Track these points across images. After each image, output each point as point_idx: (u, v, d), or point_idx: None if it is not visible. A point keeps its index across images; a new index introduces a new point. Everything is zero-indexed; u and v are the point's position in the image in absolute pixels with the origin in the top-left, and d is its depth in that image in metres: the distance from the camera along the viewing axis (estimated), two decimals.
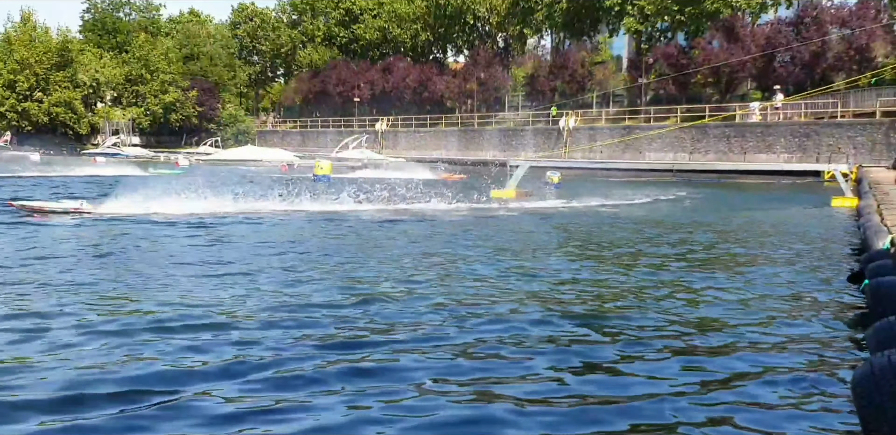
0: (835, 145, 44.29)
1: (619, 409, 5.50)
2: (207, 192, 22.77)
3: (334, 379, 6.06)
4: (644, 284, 10.47)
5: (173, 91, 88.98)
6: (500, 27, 78.31)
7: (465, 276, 11.02)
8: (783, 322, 8.12)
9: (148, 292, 9.48)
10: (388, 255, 13.04)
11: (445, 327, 7.85)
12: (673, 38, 63.08)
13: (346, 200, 23.63)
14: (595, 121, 61.71)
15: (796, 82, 53.23)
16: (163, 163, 62.59)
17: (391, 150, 71.56)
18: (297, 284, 10.11)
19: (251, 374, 6.18)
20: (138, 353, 6.79)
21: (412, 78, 76.70)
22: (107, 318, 8.11)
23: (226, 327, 7.72)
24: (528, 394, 5.74)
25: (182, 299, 9.03)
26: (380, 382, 6.03)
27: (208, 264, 11.86)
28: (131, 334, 7.43)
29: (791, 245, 14.52)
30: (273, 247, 13.90)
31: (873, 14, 52.06)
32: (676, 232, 17.26)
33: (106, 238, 15.16)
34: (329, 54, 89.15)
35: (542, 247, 14.39)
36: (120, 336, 7.36)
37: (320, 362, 6.49)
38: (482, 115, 71.31)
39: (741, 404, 5.60)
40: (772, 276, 11.11)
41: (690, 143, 51.69)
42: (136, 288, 9.77)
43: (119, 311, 8.46)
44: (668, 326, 7.98)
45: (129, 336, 7.37)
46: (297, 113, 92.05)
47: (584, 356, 6.79)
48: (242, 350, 6.88)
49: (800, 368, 6.39)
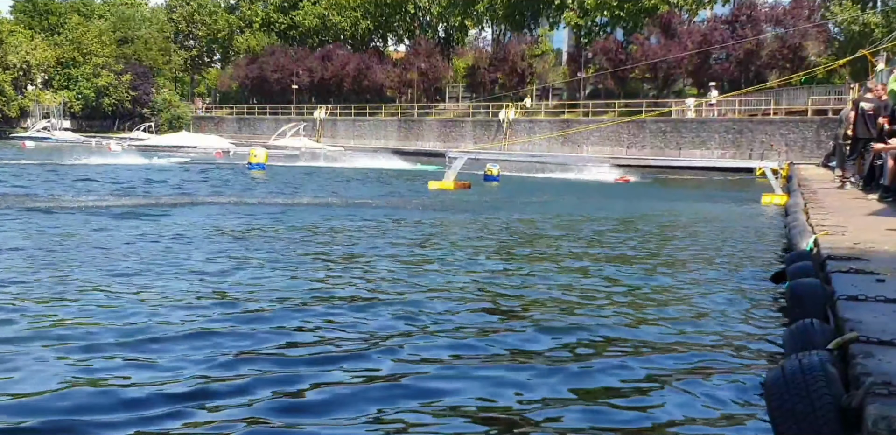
0: (767, 142, 45.03)
1: (523, 410, 5.47)
2: None
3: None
4: (562, 281, 10.29)
5: (106, 75, 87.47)
6: (441, 17, 78.21)
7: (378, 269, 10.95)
8: (702, 322, 8.07)
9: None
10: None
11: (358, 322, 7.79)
12: (612, 33, 63.59)
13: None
14: (534, 114, 61.99)
15: (731, 79, 54.09)
16: (95, 149, 61.59)
17: (330, 139, 71.17)
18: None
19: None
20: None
21: (352, 66, 76.33)
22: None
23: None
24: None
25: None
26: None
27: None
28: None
29: (718, 242, 14.62)
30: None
31: (807, 14, 53.00)
32: (603, 226, 17.29)
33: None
34: (267, 40, 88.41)
35: (457, 242, 14.37)
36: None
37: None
38: (422, 106, 71.23)
39: (653, 406, 5.60)
40: (696, 274, 11.07)
41: (627, 138, 52.20)
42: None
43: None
44: (581, 324, 7.91)
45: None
46: (234, 99, 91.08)
47: (493, 357, 6.75)
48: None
49: (715, 369, 6.38)
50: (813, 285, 7.08)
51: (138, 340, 6.99)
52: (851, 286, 6.68)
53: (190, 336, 7.15)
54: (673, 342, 7.30)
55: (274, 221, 16.86)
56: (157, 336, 7.11)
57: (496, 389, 5.86)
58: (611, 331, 7.68)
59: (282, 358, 6.52)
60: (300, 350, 6.78)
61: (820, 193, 16.57)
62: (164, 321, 7.68)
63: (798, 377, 4.40)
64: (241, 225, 15.89)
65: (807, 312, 6.63)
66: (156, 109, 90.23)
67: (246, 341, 7.02)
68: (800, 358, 4.64)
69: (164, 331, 7.30)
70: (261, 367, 6.23)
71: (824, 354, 4.75)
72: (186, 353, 6.60)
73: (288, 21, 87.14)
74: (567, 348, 7.01)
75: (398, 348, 6.88)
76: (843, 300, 6.16)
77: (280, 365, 6.29)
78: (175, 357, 6.48)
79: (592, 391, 5.89)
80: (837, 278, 7.16)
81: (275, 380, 5.92)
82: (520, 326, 7.84)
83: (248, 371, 6.12)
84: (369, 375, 6.13)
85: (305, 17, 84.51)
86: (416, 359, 6.60)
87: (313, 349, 6.83)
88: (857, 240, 9.31)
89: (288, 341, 7.07)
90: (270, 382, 5.84)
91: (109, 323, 7.55)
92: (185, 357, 6.48)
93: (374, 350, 6.80)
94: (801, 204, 14.59)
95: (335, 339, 7.21)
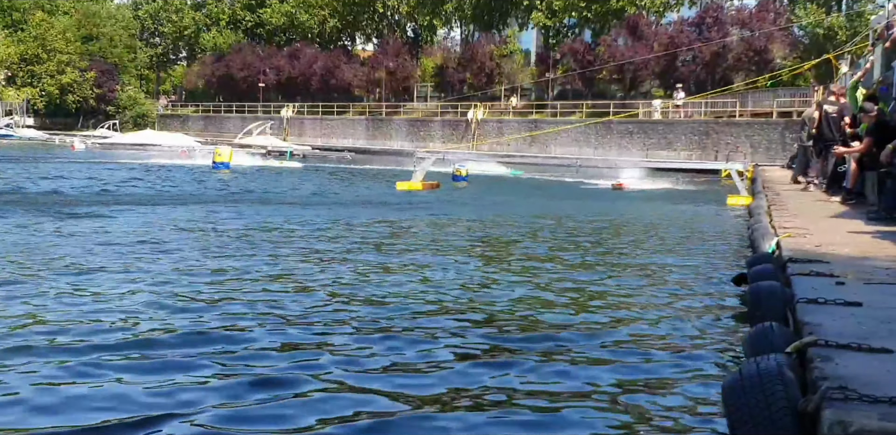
0: (733, 144, 45.31)
1: (472, 412, 5.42)
2: None
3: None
4: (515, 283, 10.21)
5: (71, 72, 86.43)
6: (409, 17, 78.07)
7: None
8: (662, 324, 8.01)
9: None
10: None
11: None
12: (580, 34, 63.83)
13: None
14: (503, 113, 62.03)
15: (697, 81, 54.41)
16: (59, 146, 61.06)
17: (297, 138, 70.73)
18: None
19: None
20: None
21: (319, 65, 75.88)
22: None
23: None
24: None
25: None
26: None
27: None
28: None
29: (683, 244, 14.65)
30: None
31: (772, 17, 53.44)
32: (565, 227, 17.23)
33: None
34: (234, 38, 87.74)
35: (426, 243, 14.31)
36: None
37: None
38: (390, 105, 71.03)
39: (610, 409, 5.58)
40: (658, 276, 11.06)
41: (595, 139, 52.33)
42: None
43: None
44: (540, 326, 7.87)
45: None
46: (200, 97, 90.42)
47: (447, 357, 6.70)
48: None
49: (675, 372, 6.39)
50: (773, 288, 7.08)
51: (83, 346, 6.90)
52: (811, 289, 6.69)
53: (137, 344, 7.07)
54: (632, 345, 7.28)
55: (223, 220, 16.72)
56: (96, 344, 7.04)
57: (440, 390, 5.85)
58: (570, 334, 7.64)
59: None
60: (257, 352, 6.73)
61: (783, 195, 16.66)
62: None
63: (755, 381, 4.38)
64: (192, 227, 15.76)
65: (766, 314, 6.62)
66: (120, 107, 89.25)
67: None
68: (758, 362, 4.63)
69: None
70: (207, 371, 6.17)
71: (782, 358, 4.74)
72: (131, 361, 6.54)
73: (255, 19, 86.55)
74: (524, 353, 6.95)
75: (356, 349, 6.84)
76: (803, 303, 6.17)
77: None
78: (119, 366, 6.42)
79: (549, 395, 5.85)
80: (798, 281, 7.18)
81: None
82: (473, 330, 7.79)
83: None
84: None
85: (272, 15, 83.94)
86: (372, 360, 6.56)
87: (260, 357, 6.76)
88: (818, 242, 9.35)
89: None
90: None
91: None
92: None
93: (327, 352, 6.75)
94: (765, 206, 14.66)
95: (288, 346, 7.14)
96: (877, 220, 11.04)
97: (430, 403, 5.57)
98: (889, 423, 3.53)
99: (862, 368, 4.41)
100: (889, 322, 5.57)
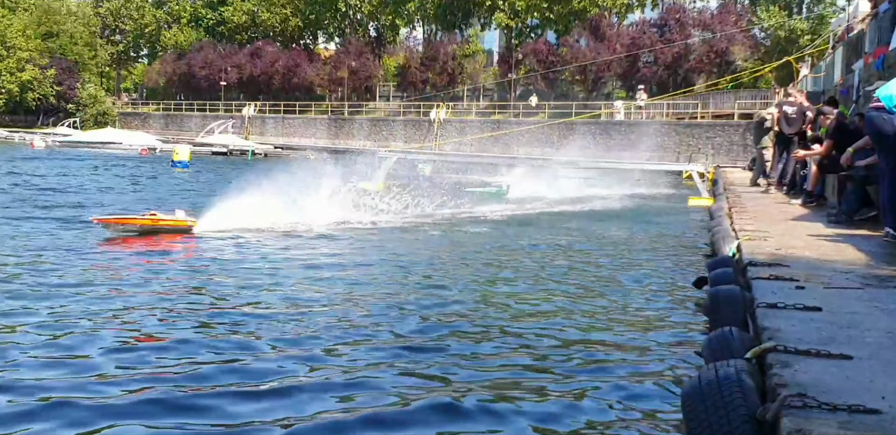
0: (695, 145, 45.56)
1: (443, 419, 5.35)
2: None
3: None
4: (478, 285, 10.17)
5: (30, 69, 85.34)
6: (372, 16, 77.90)
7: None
8: (621, 328, 8.00)
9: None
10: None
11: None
12: (542, 34, 63.93)
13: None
14: (465, 114, 62.02)
15: (659, 82, 54.71)
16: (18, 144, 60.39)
17: (258, 137, 70.34)
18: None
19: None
20: None
21: (281, 63, 75.65)
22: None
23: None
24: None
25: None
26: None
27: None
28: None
29: (643, 246, 14.67)
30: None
31: (734, 19, 53.84)
32: (532, 228, 17.17)
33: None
34: (195, 36, 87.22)
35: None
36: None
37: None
38: (353, 104, 70.83)
39: (568, 414, 5.52)
40: (617, 278, 11.04)
41: (557, 139, 52.37)
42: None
43: None
44: (496, 330, 7.80)
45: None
46: (161, 95, 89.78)
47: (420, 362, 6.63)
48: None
49: (634, 377, 6.35)
50: (732, 292, 7.05)
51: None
52: (771, 293, 6.66)
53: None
54: (590, 349, 7.23)
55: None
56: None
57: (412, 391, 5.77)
58: (525, 338, 7.56)
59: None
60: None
61: (744, 198, 16.68)
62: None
63: (714, 388, 4.35)
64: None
65: (726, 319, 6.59)
66: (81, 105, 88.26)
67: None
68: (716, 368, 4.60)
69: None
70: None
71: (741, 364, 4.71)
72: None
73: (216, 17, 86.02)
74: (479, 358, 6.88)
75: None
76: (763, 308, 6.13)
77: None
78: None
79: (508, 398, 5.78)
80: (758, 285, 7.15)
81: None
82: (433, 333, 7.73)
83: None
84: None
85: (234, 14, 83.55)
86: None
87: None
88: (779, 245, 9.33)
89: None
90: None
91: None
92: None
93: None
94: (726, 208, 14.66)
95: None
96: (837, 223, 11.08)
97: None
98: (848, 431, 3.51)
99: (821, 375, 4.39)
100: (848, 327, 5.55)
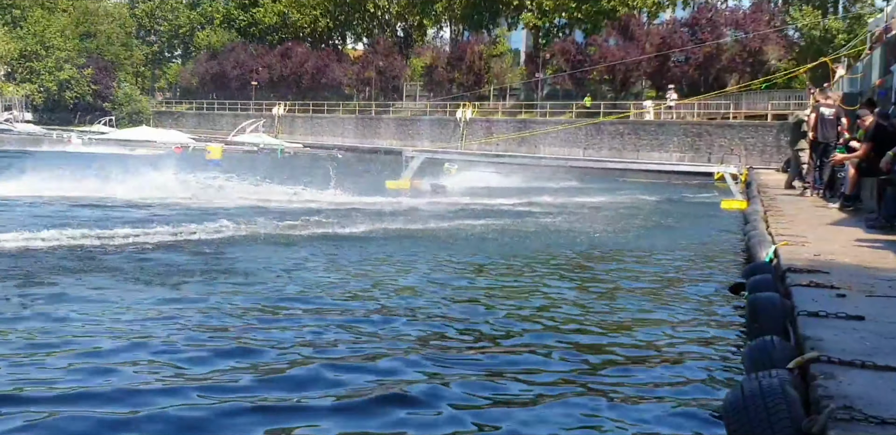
0: (727, 146, 45.16)
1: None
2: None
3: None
4: (510, 290, 9.97)
5: (69, 68, 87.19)
6: (399, 17, 78.09)
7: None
8: (658, 335, 7.81)
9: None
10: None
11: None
12: (570, 34, 63.67)
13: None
14: (492, 113, 61.93)
15: (690, 82, 54.25)
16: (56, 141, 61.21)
17: (287, 136, 70.77)
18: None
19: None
20: None
21: (310, 63, 76.22)
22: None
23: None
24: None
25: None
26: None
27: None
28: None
29: (676, 250, 14.40)
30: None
31: (767, 18, 53.29)
32: (560, 232, 16.93)
33: None
34: (227, 37, 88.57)
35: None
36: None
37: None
38: (380, 104, 71.02)
39: (605, 426, 5.41)
40: (652, 283, 10.81)
41: (585, 139, 52.18)
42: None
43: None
44: (527, 342, 7.66)
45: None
46: (194, 94, 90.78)
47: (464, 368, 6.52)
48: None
49: (672, 386, 6.20)
50: (772, 300, 6.91)
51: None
52: (812, 301, 6.54)
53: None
54: (627, 357, 7.10)
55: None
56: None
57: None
58: (563, 347, 7.44)
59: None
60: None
61: (780, 201, 16.50)
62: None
63: (757, 400, 4.28)
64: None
65: (766, 327, 6.47)
66: (116, 103, 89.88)
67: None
68: (759, 379, 4.52)
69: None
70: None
71: (784, 375, 4.62)
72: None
73: (248, 18, 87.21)
74: (515, 368, 6.76)
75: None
76: (804, 316, 6.01)
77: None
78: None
79: (546, 412, 5.67)
80: (797, 292, 7.02)
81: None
82: (470, 340, 7.63)
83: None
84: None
85: (265, 15, 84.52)
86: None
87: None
88: (817, 251, 9.17)
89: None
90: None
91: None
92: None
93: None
94: (761, 211, 14.48)
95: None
96: (876, 228, 10.88)
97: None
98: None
99: (867, 387, 4.29)
100: (893, 338, 5.43)
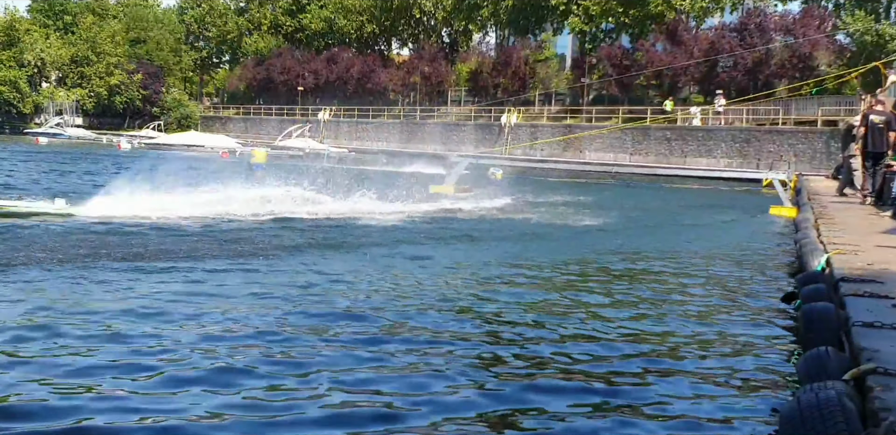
0: (776, 152, 44.67)
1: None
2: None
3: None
4: (559, 299, 9.92)
5: (118, 73, 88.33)
6: (445, 22, 78.23)
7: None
8: (710, 344, 7.72)
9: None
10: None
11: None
12: (617, 39, 63.33)
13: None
14: (536, 118, 61.80)
15: (739, 88, 53.60)
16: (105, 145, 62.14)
17: (332, 141, 71.15)
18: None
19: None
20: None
21: (356, 69, 76.55)
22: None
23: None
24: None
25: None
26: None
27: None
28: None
29: (726, 258, 14.23)
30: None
31: (817, 23, 52.57)
32: (609, 237, 16.84)
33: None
34: (274, 42, 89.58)
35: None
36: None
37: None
38: (424, 109, 71.14)
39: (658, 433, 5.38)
40: (703, 291, 10.69)
41: (631, 145, 51.88)
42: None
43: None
44: (585, 347, 7.62)
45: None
46: (241, 99, 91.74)
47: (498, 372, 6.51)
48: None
49: (727, 398, 6.14)
50: (826, 310, 6.83)
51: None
52: (867, 311, 6.45)
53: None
54: (681, 365, 7.04)
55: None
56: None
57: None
58: (616, 353, 7.40)
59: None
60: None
61: (830, 208, 16.26)
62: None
63: (814, 411, 4.25)
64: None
65: (820, 337, 6.41)
66: (165, 108, 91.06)
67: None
68: (816, 391, 4.48)
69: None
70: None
71: (841, 387, 4.58)
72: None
73: (295, 24, 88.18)
74: (567, 372, 6.75)
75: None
76: (859, 327, 5.93)
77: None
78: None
79: (600, 414, 5.65)
80: (852, 302, 6.92)
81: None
82: (520, 340, 7.61)
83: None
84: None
85: (312, 21, 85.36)
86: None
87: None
88: (870, 260, 9.03)
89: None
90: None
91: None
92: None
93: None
94: (812, 219, 14.28)
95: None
96: None
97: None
98: None
99: None
100: None
